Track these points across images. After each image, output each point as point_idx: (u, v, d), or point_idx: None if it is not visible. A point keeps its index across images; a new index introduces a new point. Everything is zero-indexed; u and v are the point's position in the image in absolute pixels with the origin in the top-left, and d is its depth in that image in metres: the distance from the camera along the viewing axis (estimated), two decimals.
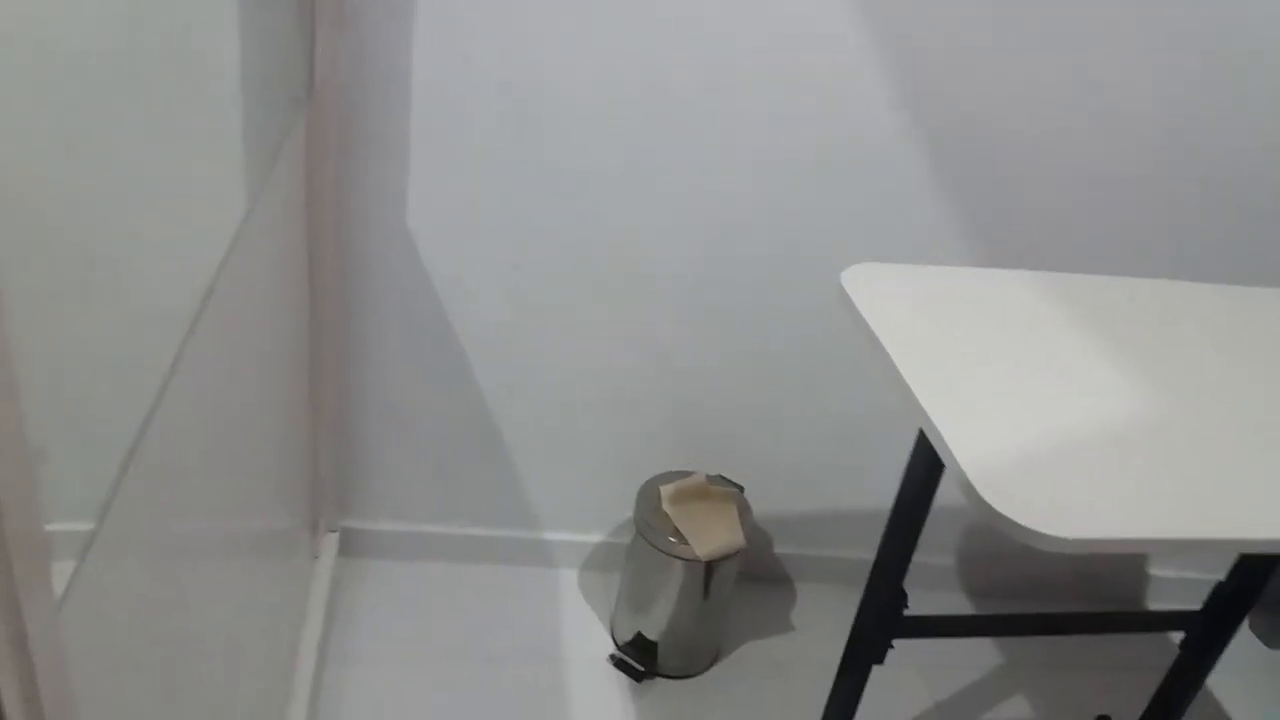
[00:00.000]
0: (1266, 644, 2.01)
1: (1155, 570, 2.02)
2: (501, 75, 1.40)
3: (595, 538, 1.86)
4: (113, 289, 0.67)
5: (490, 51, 1.38)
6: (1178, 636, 1.53)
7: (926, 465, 1.18)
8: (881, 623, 1.31)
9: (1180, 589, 2.04)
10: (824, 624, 1.86)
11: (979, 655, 1.86)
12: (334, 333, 1.56)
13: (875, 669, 1.36)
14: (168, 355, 0.76)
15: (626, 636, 1.72)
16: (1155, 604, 2.05)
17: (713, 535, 1.61)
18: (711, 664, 1.75)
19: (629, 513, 1.78)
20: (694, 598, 1.64)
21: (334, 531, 1.76)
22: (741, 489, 1.72)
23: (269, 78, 1.10)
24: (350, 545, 1.79)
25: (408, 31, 1.35)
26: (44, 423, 0.55)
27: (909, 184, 1.54)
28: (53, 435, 0.57)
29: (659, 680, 1.71)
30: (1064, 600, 2.01)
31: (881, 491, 1.82)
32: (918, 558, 1.29)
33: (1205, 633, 1.49)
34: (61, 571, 0.59)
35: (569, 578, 1.86)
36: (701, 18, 1.38)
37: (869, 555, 1.32)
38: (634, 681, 1.69)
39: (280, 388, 1.29)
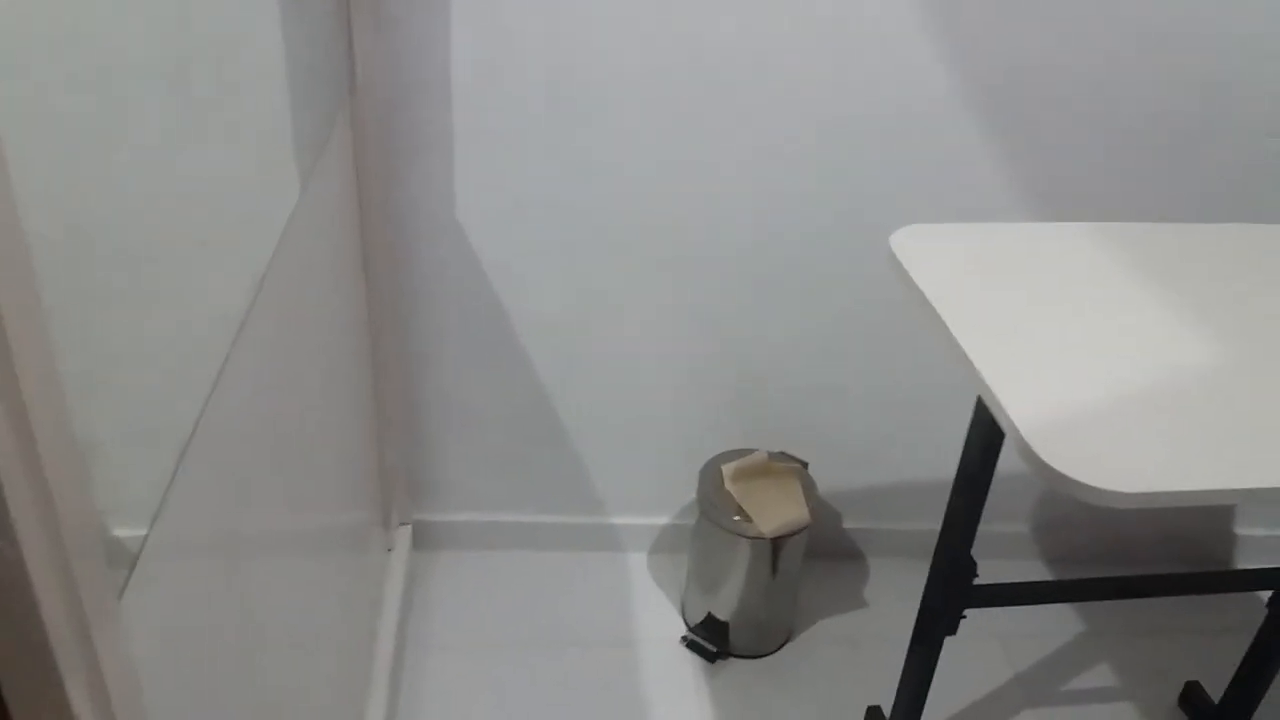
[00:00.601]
0: None
1: (1242, 529, 1.96)
2: (543, 58, 1.40)
3: (661, 520, 1.86)
4: (165, 285, 0.69)
5: (531, 35, 1.39)
6: (1267, 595, 1.48)
7: (986, 429, 1.16)
8: (950, 592, 1.30)
9: (1270, 547, 1.97)
10: (897, 598, 1.84)
11: (1061, 623, 1.82)
12: (392, 327, 1.59)
13: (954, 640, 1.34)
14: (222, 349, 0.78)
15: (698, 617, 1.72)
16: (1244, 564, 1.99)
17: (776, 512, 1.60)
18: (785, 643, 1.75)
19: (693, 494, 1.78)
20: (762, 576, 1.64)
21: (406, 524, 1.79)
22: (804, 464, 1.71)
23: (310, 75, 1.12)
24: (423, 537, 1.83)
25: (446, 23, 1.37)
26: (99, 421, 0.57)
27: (961, 143, 1.51)
28: (109, 434, 0.59)
29: (732, 660, 1.71)
30: (1149, 564, 1.96)
31: (950, 461, 1.79)
32: (992, 527, 1.27)
33: None
34: (124, 569, 0.61)
35: (638, 561, 1.88)
36: None
37: (940, 526, 1.30)
38: (707, 662, 1.70)
39: (341, 382, 1.32)
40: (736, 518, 1.60)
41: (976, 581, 1.30)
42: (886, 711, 1.57)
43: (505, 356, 1.66)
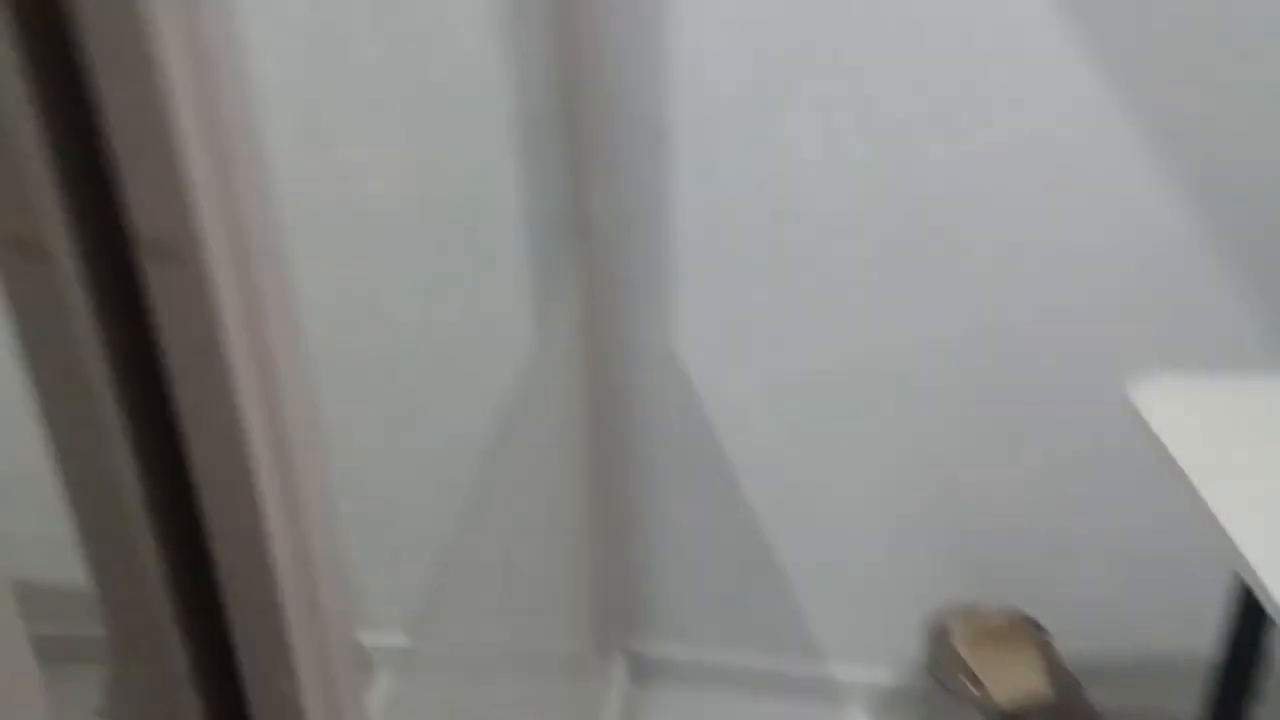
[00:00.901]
0: None
1: None
2: (761, 202, 1.45)
3: (884, 675, 1.77)
4: (418, 417, 0.75)
5: (749, 180, 1.44)
6: None
7: (1250, 612, 1.04)
8: None
9: None
10: None
11: None
12: (615, 457, 1.64)
13: None
14: (466, 479, 0.84)
15: None
16: None
17: (1013, 680, 1.49)
18: None
19: (919, 650, 1.69)
20: None
21: (623, 655, 1.80)
22: (1046, 629, 1.58)
23: (549, 219, 1.21)
24: (639, 670, 1.82)
25: (670, 172, 1.45)
26: (359, 543, 0.62)
27: (1206, 279, 1.41)
28: (368, 555, 0.64)
29: None
30: None
31: (1212, 634, 1.61)
32: (1265, 712, 1.12)
33: None
34: (371, 683, 0.65)
35: (858, 717, 1.78)
36: (956, 116, 1.37)
37: (1200, 709, 1.16)
38: None
39: (565, 510, 1.36)
40: (968, 683, 1.50)
41: None
42: None
43: (724, 490, 1.66)
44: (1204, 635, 1.63)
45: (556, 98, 1.29)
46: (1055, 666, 1.53)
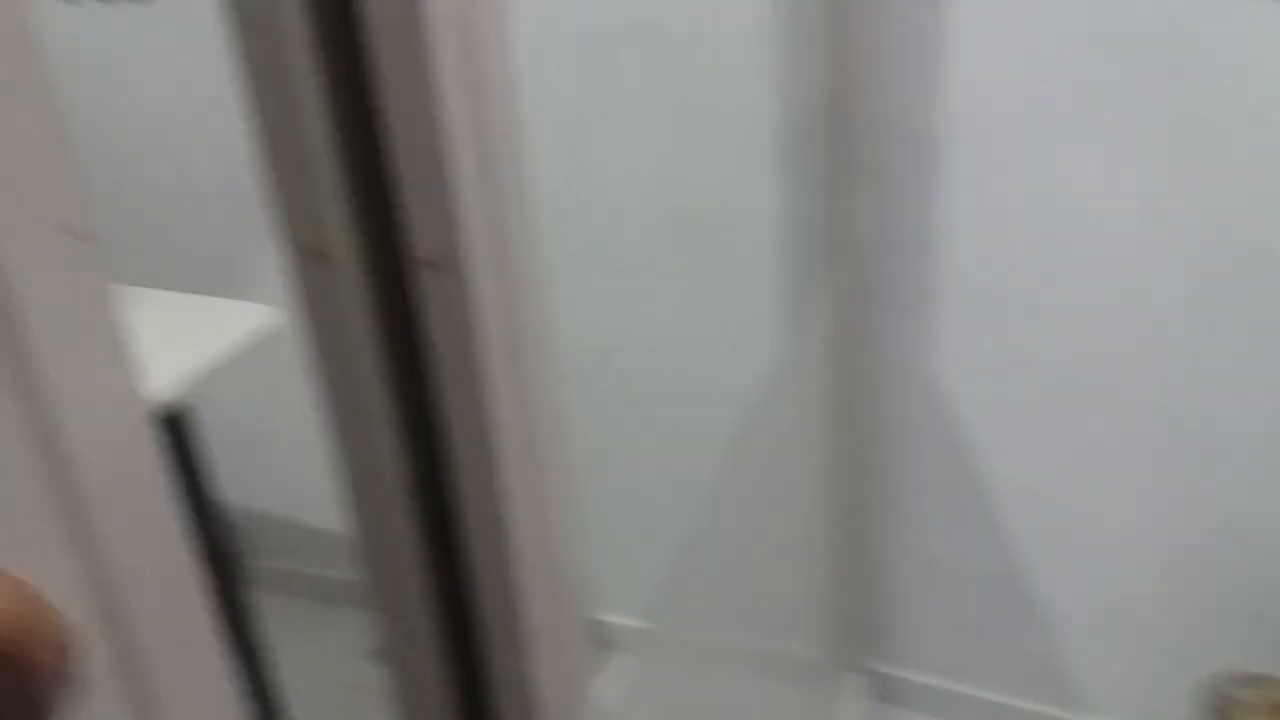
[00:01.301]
0: None
1: None
2: (1034, 225, 1.37)
3: None
4: (664, 419, 0.79)
5: (1022, 202, 1.36)
6: None
7: None
8: None
9: None
10: None
11: None
12: (863, 473, 1.61)
13: None
14: (706, 474, 0.86)
15: None
16: None
17: None
18: None
19: (1190, 713, 1.54)
20: None
21: (861, 672, 1.77)
22: None
23: (805, 232, 1.21)
24: (878, 689, 1.79)
25: (937, 186, 1.40)
26: (605, 533, 0.66)
27: None
28: (612, 544, 0.68)
29: None
30: None
31: None
32: None
33: None
34: (607, 662, 0.69)
35: None
36: (1261, 143, 1.23)
37: None
38: None
39: (804, 520, 1.36)
40: None
41: None
42: None
43: (979, 519, 1.59)
44: None
45: (824, 106, 1.28)
46: None
